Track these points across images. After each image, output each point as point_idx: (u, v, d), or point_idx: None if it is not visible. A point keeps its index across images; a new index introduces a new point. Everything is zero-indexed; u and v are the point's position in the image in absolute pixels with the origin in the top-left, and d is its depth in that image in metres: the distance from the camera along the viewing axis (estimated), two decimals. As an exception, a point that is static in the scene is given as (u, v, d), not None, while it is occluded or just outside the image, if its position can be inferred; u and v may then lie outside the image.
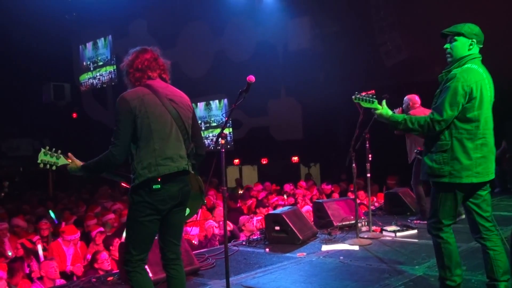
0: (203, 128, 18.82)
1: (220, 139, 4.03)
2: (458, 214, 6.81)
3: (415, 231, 6.68)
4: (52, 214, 8.98)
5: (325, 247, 6.12)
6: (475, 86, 3.55)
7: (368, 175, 6.65)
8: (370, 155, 6.51)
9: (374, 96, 3.93)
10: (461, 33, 3.70)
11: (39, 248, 7.29)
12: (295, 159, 16.91)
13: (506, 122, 10.10)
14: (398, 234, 6.60)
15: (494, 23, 9.98)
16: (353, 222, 6.89)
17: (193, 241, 7.64)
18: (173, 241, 3.57)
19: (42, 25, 17.06)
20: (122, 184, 3.67)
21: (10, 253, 7.22)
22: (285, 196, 11.39)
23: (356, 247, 6.03)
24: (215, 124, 18.75)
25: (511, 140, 10.16)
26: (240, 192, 13.33)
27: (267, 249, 6.28)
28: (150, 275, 4.62)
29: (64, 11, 18.21)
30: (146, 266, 4.32)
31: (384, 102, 3.92)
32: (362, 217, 7.24)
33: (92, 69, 21.92)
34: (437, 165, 3.63)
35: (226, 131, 4.08)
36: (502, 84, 9.60)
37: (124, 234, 5.61)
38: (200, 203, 3.98)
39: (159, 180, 3.32)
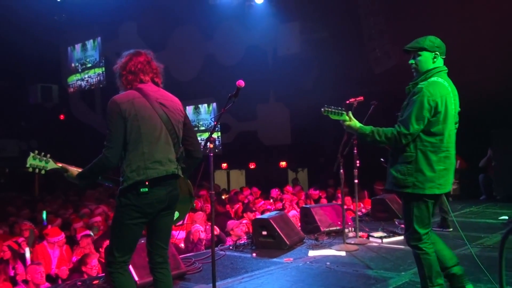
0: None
1: (208, 143, 4.03)
2: (446, 226, 6.96)
3: (401, 237, 6.69)
4: (44, 216, 8.71)
5: (311, 253, 6.13)
6: (440, 100, 3.64)
7: (356, 181, 6.67)
8: (358, 161, 6.54)
9: (343, 109, 4.00)
10: (423, 48, 3.79)
11: (26, 250, 7.23)
12: (283, 164, 16.92)
13: (492, 130, 10.21)
14: (385, 240, 6.63)
15: (480, 32, 10.11)
16: (340, 227, 6.90)
17: (181, 245, 7.61)
18: (160, 244, 3.56)
19: (30, 25, 16.92)
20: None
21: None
22: (271, 201, 11.39)
23: (343, 253, 6.04)
24: (203, 128, 18.72)
25: (497, 148, 10.26)
26: (223, 197, 13.27)
27: (254, 254, 6.27)
28: (136, 278, 4.61)
29: (53, 12, 18.09)
30: (132, 270, 4.31)
31: (350, 113, 3.97)
32: (349, 223, 7.26)
33: (80, 70, 21.79)
34: (401, 176, 3.72)
35: (215, 135, 4.09)
36: (492, 92, 9.74)
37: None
38: (189, 207, 3.98)
39: (147, 183, 3.32)
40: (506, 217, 7.72)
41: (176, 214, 3.73)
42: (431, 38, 3.81)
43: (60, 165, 3.59)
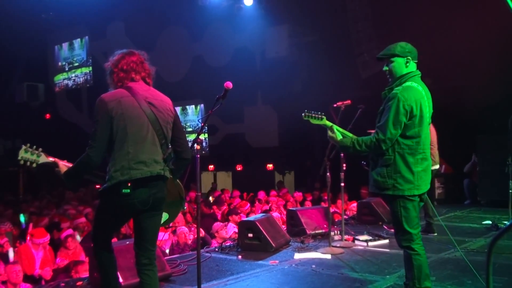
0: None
1: (195, 144, 4.02)
2: (431, 231, 7.02)
3: (386, 241, 6.74)
4: (22, 218, 8.57)
5: (297, 255, 6.13)
6: (415, 104, 3.73)
7: (342, 184, 6.69)
8: (344, 164, 6.56)
9: (323, 113, 4.15)
10: (395, 54, 3.89)
11: (10, 251, 7.16)
12: (270, 166, 16.93)
13: (477, 136, 10.31)
14: (370, 243, 6.65)
15: (467, 39, 10.19)
16: (325, 230, 6.91)
17: (164, 246, 7.57)
18: (146, 246, 3.54)
19: (17, 23, 16.77)
20: (97, 186, 3.69)
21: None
22: (258, 203, 11.40)
23: (328, 256, 6.05)
24: (190, 129, 18.67)
25: (482, 153, 10.36)
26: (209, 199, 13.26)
27: (240, 256, 6.25)
28: (121, 280, 4.57)
29: (40, 10, 17.94)
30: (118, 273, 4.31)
31: (335, 127, 4.08)
32: (335, 226, 7.28)
33: (67, 69, 21.63)
34: (381, 179, 3.81)
35: (202, 136, 4.08)
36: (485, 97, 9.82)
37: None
38: (179, 209, 3.98)
39: (129, 185, 3.31)
40: (490, 222, 7.79)
41: (166, 216, 3.71)
42: (402, 44, 3.90)
43: (52, 159, 3.57)
